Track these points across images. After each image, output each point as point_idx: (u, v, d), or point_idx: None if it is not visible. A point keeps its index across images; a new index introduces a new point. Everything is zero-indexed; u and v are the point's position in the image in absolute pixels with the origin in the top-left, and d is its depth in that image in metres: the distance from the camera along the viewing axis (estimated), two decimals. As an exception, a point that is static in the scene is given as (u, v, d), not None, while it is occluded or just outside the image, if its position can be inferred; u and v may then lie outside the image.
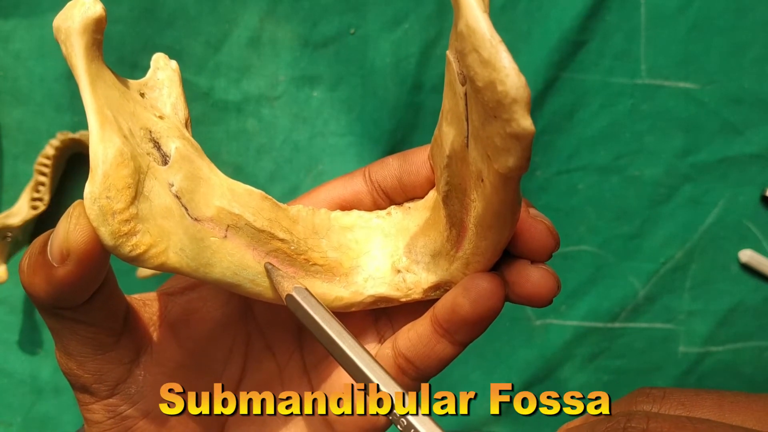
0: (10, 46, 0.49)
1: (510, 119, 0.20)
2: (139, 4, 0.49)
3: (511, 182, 0.22)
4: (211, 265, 0.25)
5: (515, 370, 0.56)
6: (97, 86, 0.23)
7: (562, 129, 0.55)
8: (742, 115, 0.55)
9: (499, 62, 0.20)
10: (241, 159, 0.52)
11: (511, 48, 0.20)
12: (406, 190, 0.28)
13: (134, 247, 0.23)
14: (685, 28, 0.54)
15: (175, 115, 0.26)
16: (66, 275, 0.22)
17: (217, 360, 0.29)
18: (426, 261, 0.27)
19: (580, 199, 0.55)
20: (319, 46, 0.52)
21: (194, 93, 0.51)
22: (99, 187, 0.22)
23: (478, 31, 0.20)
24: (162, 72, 0.27)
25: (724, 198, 0.56)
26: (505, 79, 0.20)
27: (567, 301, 0.56)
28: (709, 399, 0.22)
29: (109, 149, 0.22)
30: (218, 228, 0.25)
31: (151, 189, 0.23)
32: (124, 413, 0.26)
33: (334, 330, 0.25)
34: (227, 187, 0.26)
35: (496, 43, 0.20)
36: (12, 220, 0.49)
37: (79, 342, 0.25)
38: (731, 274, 0.56)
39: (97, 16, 0.23)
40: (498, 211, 0.23)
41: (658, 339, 0.57)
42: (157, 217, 0.23)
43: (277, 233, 0.26)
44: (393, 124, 0.52)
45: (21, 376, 0.52)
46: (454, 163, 0.24)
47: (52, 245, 0.22)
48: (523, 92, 0.20)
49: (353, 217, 0.28)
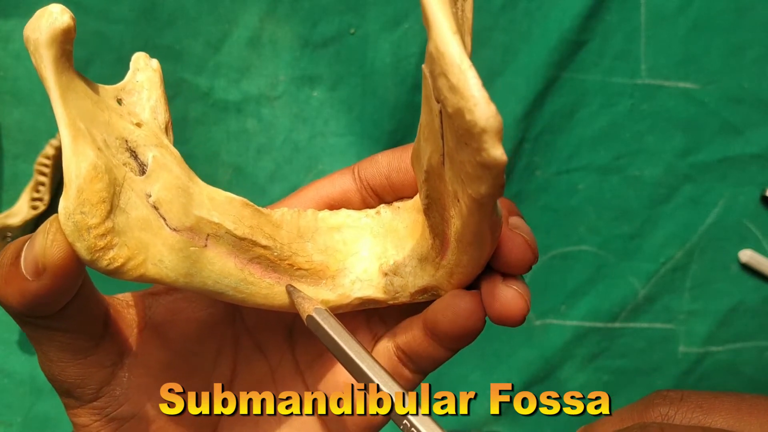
0: (10, 46, 0.49)
1: (480, 149, 0.19)
2: (139, 4, 0.49)
3: (486, 206, 0.22)
4: (191, 274, 0.24)
5: (515, 370, 0.56)
6: (68, 98, 0.22)
7: (562, 129, 0.54)
8: (742, 115, 0.55)
9: (468, 90, 0.19)
10: (241, 159, 0.52)
11: (510, 48, 0.19)
12: (395, 189, 0.28)
13: (112, 261, 0.22)
14: (685, 28, 0.54)
15: (154, 120, 0.26)
16: (40, 289, 0.22)
17: (206, 360, 0.29)
18: (413, 265, 0.27)
19: (580, 199, 0.55)
20: (319, 46, 0.52)
21: (194, 93, 0.51)
22: (73, 202, 0.22)
23: (446, 55, 0.19)
24: (142, 73, 0.26)
25: (724, 198, 0.56)
26: (474, 108, 0.19)
27: (567, 301, 0.56)
28: (727, 402, 0.22)
29: (82, 163, 0.22)
30: (198, 237, 0.24)
31: (127, 201, 0.23)
32: (110, 415, 0.26)
33: (355, 351, 0.25)
34: (207, 196, 0.25)
35: (466, 68, 0.19)
36: (12, 220, 0.49)
37: (57, 348, 0.24)
38: (731, 274, 0.56)
39: (64, 26, 0.22)
40: (475, 231, 0.23)
41: (658, 339, 0.57)
42: (135, 229, 0.23)
43: (259, 240, 0.26)
44: (393, 124, 0.52)
45: (21, 376, 0.52)
46: (432, 179, 0.24)
47: (27, 259, 0.22)
48: (493, 122, 0.19)
49: (341, 217, 0.28)
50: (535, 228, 0.56)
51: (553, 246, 0.56)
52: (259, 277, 0.26)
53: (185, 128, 0.51)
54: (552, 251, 0.56)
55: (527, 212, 0.55)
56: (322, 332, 0.25)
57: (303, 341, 0.30)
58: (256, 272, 0.26)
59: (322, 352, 0.29)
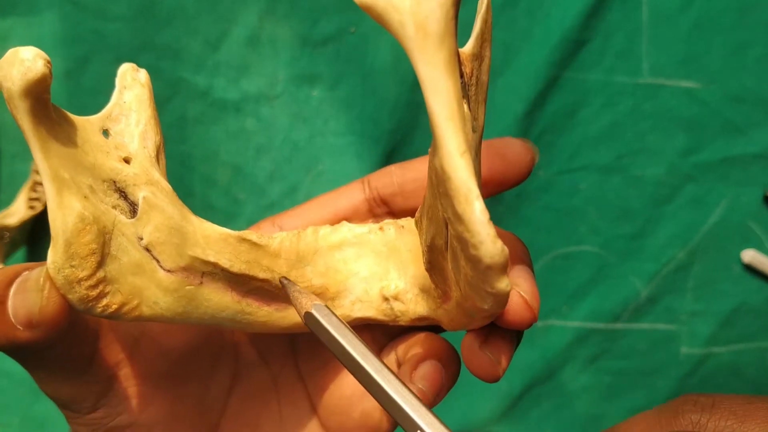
0: (8, 44, 0.49)
1: (484, 281, 0.19)
2: (137, 3, 0.49)
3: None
4: (188, 312, 0.24)
5: (516, 371, 0.55)
6: (49, 148, 0.21)
7: (564, 128, 0.54)
8: (744, 115, 0.55)
9: (473, 225, 0.18)
10: (240, 159, 0.52)
11: (511, 47, 0.19)
12: (407, 197, 0.28)
13: (106, 308, 0.22)
14: (687, 27, 0.54)
15: (144, 149, 0.25)
16: (31, 338, 0.22)
17: (203, 369, 0.28)
18: (415, 293, 0.26)
19: (582, 199, 0.55)
20: (318, 44, 0.51)
21: (193, 92, 0.51)
22: (62, 256, 0.21)
23: (452, 180, 0.18)
24: (129, 91, 0.25)
25: (726, 198, 0.56)
26: (479, 245, 0.18)
27: (568, 302, 0.56)
28: (762, 408, 0.20)
29: (69, 216, 0.21)
30: (193, 276, 0.24)
31: (118, 247, 0.23)
32: (109, 425, 0.26)
33: (358, 351, 0.23)
34: (200, 234, 0.24)
35: (473, 199, 0.18)
36: (9, 220, 0.49)
37: (47, 373, 0.24)
38: (734, 275, 0.56)
39: (38, 77, 0.20)
40: (476, 309, 0.22)
41: (660, 340, 0.56)
42: (127, 274, 0.23)
43: (256, 275, 0.25)
44: (393, 123, 0.52)
45: (19, 376, 0.51)
46: (434, 253, 0.23)
47: (18, 311, 0.22)
48: (498, 259, 0.18)
49: (343, 233, 0.27)
50: (537, 228, 0.55)
51: (555, 246, 0.56)
52: (257, 307, 0.25)
53: (184, 128, 0.51)
54: (553, 251, 0.56)
55: (528, 212, 0.55)
56: (322, 331, 0.24)
57: (306, 350, 0.29)
58: (254, 302, 0.25)
59: (325, 362, 0.29)
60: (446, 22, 0.18)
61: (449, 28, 0.18)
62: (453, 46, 0.18)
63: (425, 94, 0.18)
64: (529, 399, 0.56)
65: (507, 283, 0.19)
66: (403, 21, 0.18)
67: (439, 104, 0.18)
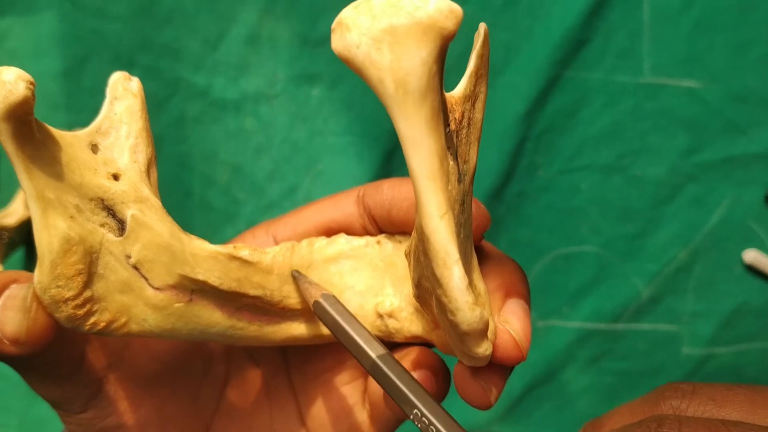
0: (6, 44, 0.49)
1: (463, 344, 0.19)
2: (137, 2, 0.49)
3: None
4: (177, 329, 0.24)
5: (517, 371, 0.55)
6: (34, 169, 0.21)
7: (565, 128, 0.54)
8: (746, 114, 0.55)
9: (451, 292, 0.17)
10: (240, 158, 0.52)
11: (512, 46, 0.18)
12: (395, 225, 0.27)
13: (93, 326, 0.22)
14: (689, 26, 0.54)
15: (134, 163, 0.24)
16: (18, 352, 0.22)
17: (195, 370, 0.28)
18: (410, 311, 0.26)
19: (583, 198, 0.55)
20: (318, 44, 0.51)
21: (192, 91, 0.51)
22: (47, 276, 0.21)
23: (432, 243, 0.17)
24: (120, 102, 0.24)
25: (727, 198, 0.55)
26: (456, 312, 0.18)
27: (569, 302, 0.55)
28: (741, 394, 0.21)
29: (54, 237, 0.21)
30: (182, 294, 0.24)
31: (106, 266, 0.23)
32: (99, 426, 0.26)
33: (363, 338, 0.24)
34: (189, 252, 0.24)
35: (451, 263, 0.17)
36: (8, 220, 0.49)
37: (36, 378, 0.25)
38: (735, 275, 0.56)
39: (20, 100, 0.19)
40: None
41: (662, 340, 0.56)
42: (115, 292, 0.23)
43: (247, 292, 0.25)
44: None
45: (17, 378, 0.51)
46: (421, 291, 0.23)
47: (5, 328, 0.22)
48: (475, 327, 0.18)
49: (339, 245, 0.27)
50: (537, 228, 0.55)
51: (555, 246, 0.55)
52: (248, 323, 0.25)
53: (183, 127, 0.51)
54: (554, 252, 0.55)
55: (529, 212, 0.55)
56: (329, 318, 0.24)
57: (297, 363, 0.30)
58: (245, 318, 0.25)
59: (316, 375, 0.29)
60: (428, 78, 0.17)
61: (431, 84, 0.17)
62: (436, 102, 0.17)
63: (405, 152, 0.17)
64: (530, 399, 0.56)
65: (486, 348, 0.19)
66: (382, 78, 0.17)
67: (419, 163, 0.17)
